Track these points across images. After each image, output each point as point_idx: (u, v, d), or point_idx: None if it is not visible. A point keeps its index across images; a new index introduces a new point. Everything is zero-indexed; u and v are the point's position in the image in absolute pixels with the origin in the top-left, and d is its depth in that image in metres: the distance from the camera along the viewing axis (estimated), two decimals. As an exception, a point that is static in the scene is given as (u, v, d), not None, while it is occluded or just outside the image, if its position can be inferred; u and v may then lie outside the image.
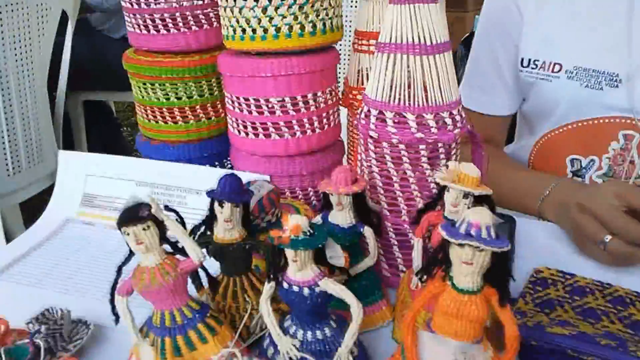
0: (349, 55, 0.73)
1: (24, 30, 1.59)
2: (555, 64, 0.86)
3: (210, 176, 0.75)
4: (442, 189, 0.52)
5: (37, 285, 0.67)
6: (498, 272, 0.41)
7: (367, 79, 0.70)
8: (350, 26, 1.37)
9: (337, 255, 0.51)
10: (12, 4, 1.51)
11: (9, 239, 1.56)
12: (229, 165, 0.78)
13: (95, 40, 2.30)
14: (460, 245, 0.40)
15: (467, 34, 1.39)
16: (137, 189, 0.80)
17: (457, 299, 0.42)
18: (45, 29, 1.66)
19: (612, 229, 0.64)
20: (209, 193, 0.54)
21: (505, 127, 1.00)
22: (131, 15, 0.71)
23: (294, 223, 0.45)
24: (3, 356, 0.50)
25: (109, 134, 2.87)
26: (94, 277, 0.68)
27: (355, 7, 1.34)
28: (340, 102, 0.73)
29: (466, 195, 0.50)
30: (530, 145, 0.94)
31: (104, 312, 0.50)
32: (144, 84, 0.73)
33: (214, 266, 0.55)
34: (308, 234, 0.46)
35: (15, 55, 1.58)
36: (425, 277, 0.43)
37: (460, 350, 0.43)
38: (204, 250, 0.51)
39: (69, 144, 2.19)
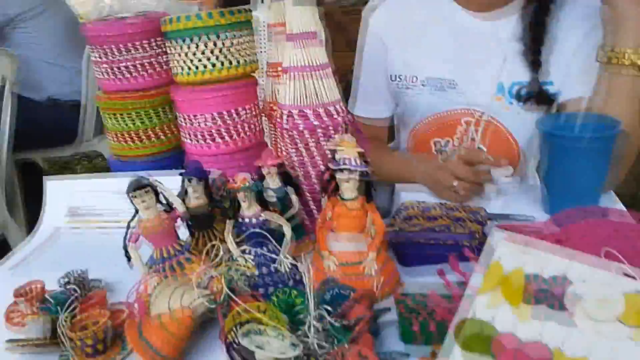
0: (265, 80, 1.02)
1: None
2: (413, 76, 1.20)
3: (171, 178, 1.02)
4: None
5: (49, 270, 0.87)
6: (365, 186, 0.70)
7: (278, 94, 0.99)
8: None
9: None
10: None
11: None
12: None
13: (21, 105, 2.46)
14: (341, 170, 0.69)
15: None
16: (112, 198, 1.04)
17: (345, 205, 0.71)
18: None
19: (458, 176, 0.96)
20: (182, 173, 0.80)
21: (385, 129, 1.33)
22: (102, 67, 0.97)
23: (242, 176, 0.72)
24: (51, 299, 0.71)
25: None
26: (86, 262, 0.89)
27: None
28: (263, 113, 1.02)
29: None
30: (405, 136, 1.27)
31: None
32: (114, 114, 0.98)
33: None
34: (250, 183, 0.73)
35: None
36: (324, 194, 0.72)
37: (352, 238, 0.72)
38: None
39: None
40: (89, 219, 1.03)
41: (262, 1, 0.97)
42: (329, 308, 0.62)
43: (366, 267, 0.72)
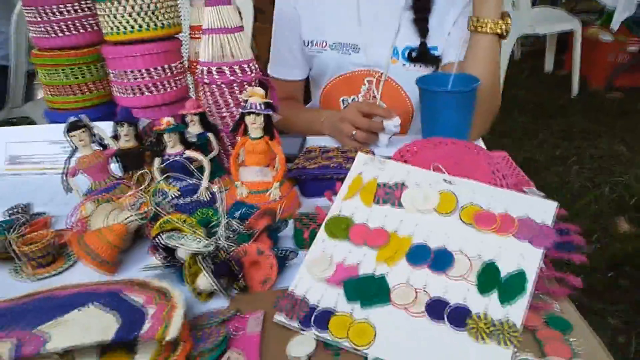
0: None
1: None
2: (323, 41, 1.36)
3: (104, 127, 1.13)
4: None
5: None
6: (268, 125, 0.86)
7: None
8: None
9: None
10: None
11: None
12: (116, 122, 1.15)
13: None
14: (249, 114, 0.84)
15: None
16: (49, 147, 1.14)
17: (253, 143, 0.87)
18: None
19: (357, 125, 1.13)
20: (114, 119, 0.92)
21: (300, 89, 1.49)
22: (36, 26, 1.06)
23: (167, 120, 0.86)
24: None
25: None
26: (29, 200, 1.01)
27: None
28: (187, 71, 1.15)
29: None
30: (318, 95, 1.44)
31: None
32: (49, 70, 1.09)
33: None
34: (175, 125, 0.87)
35: None
36: (235, 132, 0.87)
37: (259, 171, 0.88)
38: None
39: None
40: (27, 167, 1.13)
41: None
42: (238, 222, 0.78)
43: (271, 194, 0.89)
